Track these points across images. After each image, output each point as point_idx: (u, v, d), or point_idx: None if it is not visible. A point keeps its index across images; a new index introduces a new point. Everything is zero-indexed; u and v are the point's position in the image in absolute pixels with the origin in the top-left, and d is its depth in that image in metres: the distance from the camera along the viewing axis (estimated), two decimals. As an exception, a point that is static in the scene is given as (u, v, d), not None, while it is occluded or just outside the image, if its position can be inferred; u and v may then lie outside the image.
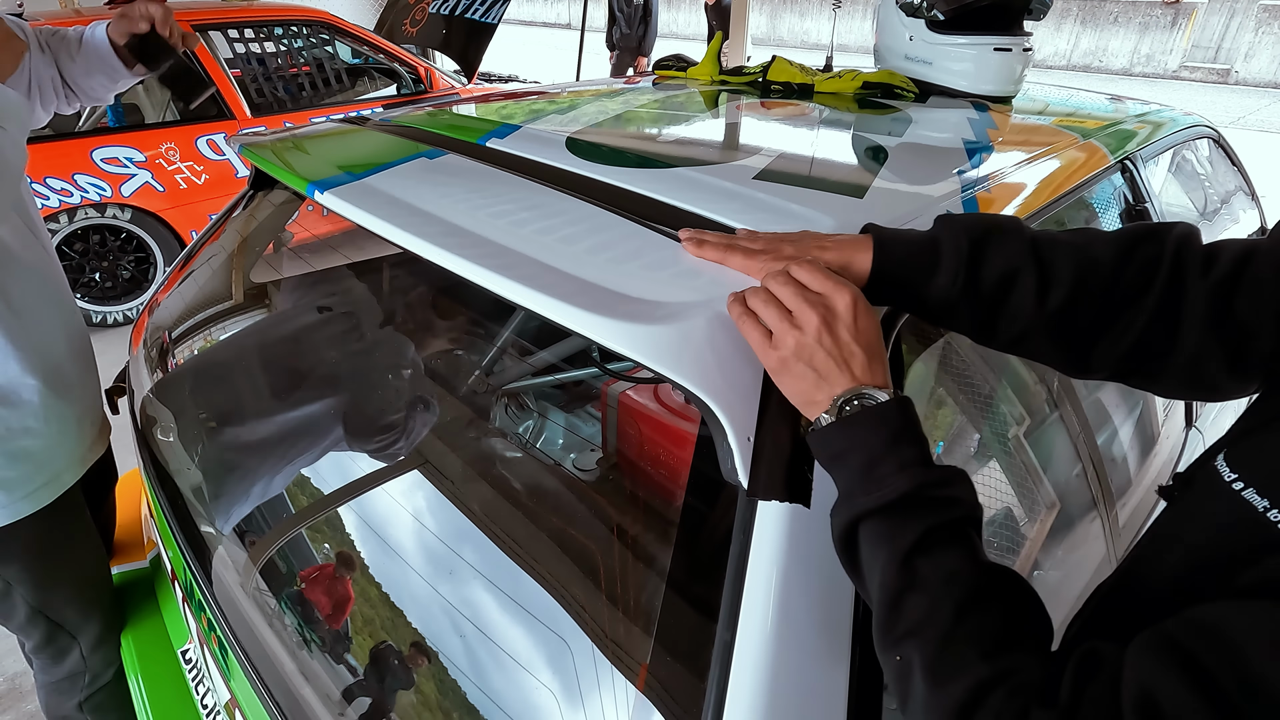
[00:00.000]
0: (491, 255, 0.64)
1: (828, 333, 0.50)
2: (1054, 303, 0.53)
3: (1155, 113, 1.41)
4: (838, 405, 0.49)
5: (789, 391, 0.52)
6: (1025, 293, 0.53)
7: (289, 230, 1.45)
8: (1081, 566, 0.92)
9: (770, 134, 1.09)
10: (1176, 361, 0.52)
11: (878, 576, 0.45)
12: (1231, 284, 0.50)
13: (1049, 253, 0.54)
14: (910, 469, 0.46)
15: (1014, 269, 0.54)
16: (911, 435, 0.48)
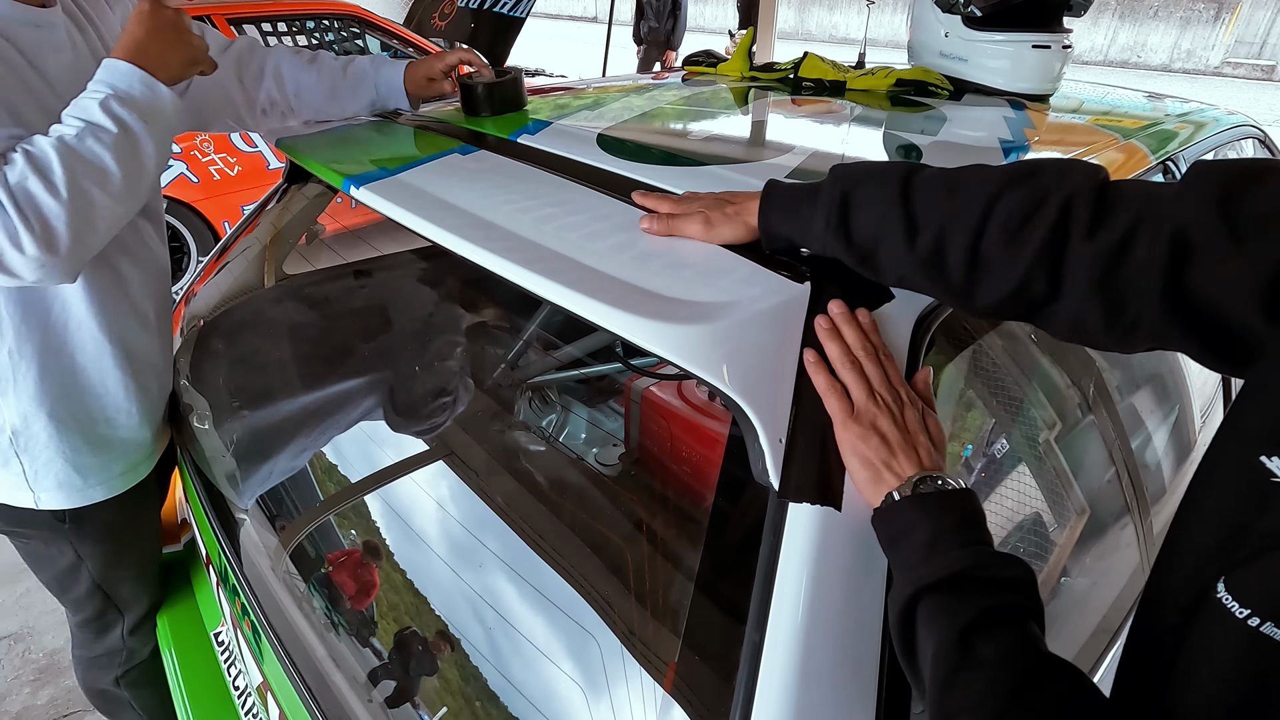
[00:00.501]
0: (526, 252, 0.65)
1: (904, 415, 0.53)
2: (923, 249, 0.53)
3: (1198, 112, 1.38)
4: (912, 483, 0.50)
5: (856, 464, 0.52)
6: (894, 238, 0.54)
7: (320, 222, 1.48)
8: (1113, 574, 0.91)
9: (802, 132, 1.08)
10: (1059, 314, 0.50)
11: (931, 651, 0.44)
12: (1117, 255, 0.46)
13: (919, 195, 0.54)
14: (973, 547, 0.47)
15: (881, 217, 0.55)
16: (977, 522, 0.49)
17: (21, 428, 0.91)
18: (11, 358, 0.87)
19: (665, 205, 0.68)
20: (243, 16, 3.33)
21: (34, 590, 1.87)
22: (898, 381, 0.56)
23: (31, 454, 0.92)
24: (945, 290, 0.54)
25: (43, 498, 0.95)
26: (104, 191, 0.73)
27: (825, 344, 0.56)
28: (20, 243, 0.69)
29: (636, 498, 1.09)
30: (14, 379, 0.88)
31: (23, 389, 0.89)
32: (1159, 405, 1.11)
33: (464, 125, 1.06)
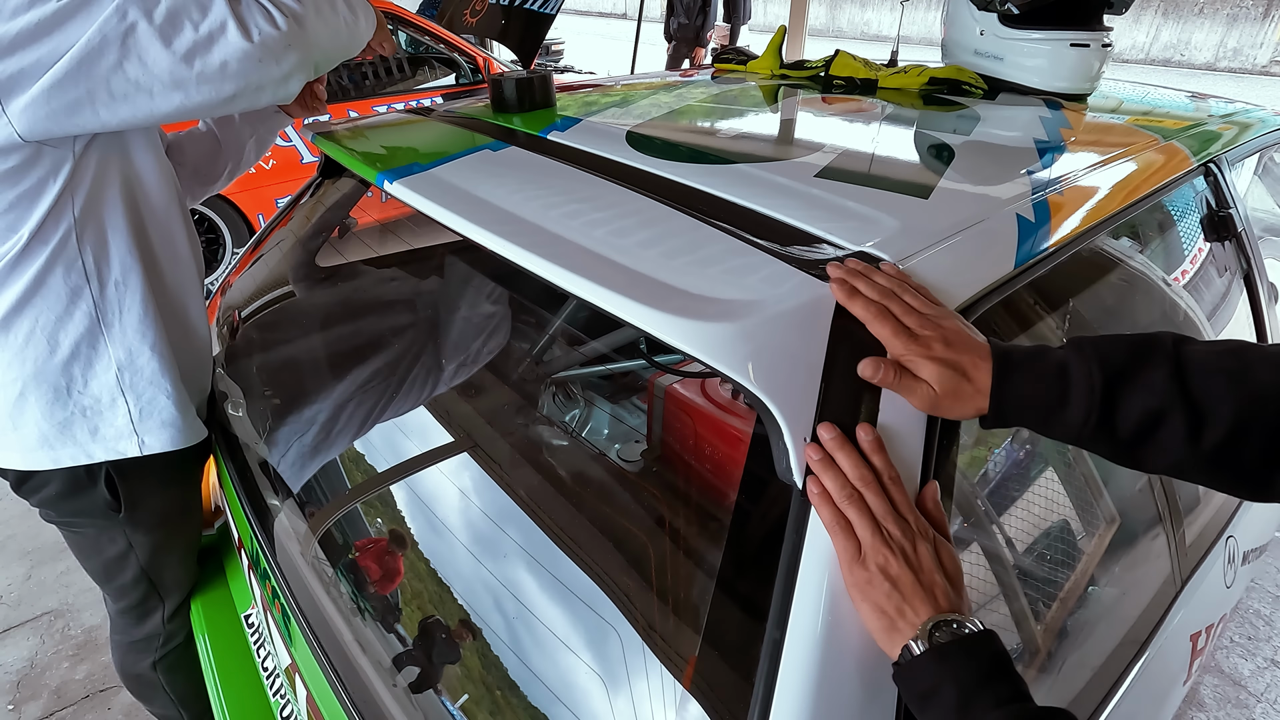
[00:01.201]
0: (556, 248, 0.66)
1: (916, 551, 0.49)
2: (1210, 442, 0.47)
3: (1242, 113, 1.34)
4: (928, 631, 0.46)
5: (868, 611, 0.49)
6: (1173, 434, 0.48)
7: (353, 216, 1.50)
8: (1143, 584, 0.89)
9: (832, 131, 1.07)
10: None
11: None
12: None
13: (1201, 387, 0.48)
14: (1007, 706, 0.44)
15: (1158, 410, 0.48)
16: (1005, 670, 0.46)
17: (127, 363, 0.93)
18: (117, 289, 0.90)
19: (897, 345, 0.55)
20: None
21: (74, 569, 1.94)
22: (906, 509, 0.51)
23: (137, 391, 0.94)
24: (1236, 484, 0.49)
25: (147, 440, 0.96)
26: None
27: (821, 476, 0.51)
28: None
29: (658, 494, 1.09)
30: (120, 311, 0.91)
31: (128, 322, 0.92)
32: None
33: (494, 122, 1.07)
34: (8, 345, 0.87)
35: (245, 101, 0.81)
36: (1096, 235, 0.81)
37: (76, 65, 0.72)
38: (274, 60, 0.80)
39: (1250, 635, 1.75)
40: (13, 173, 0.78)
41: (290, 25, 0.80)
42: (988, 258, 0.68)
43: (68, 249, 0.85)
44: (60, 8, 0.71)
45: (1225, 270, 1.15)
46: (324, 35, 0.86)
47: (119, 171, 0.89)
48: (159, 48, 0.74)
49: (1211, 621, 1.01)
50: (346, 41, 0.92)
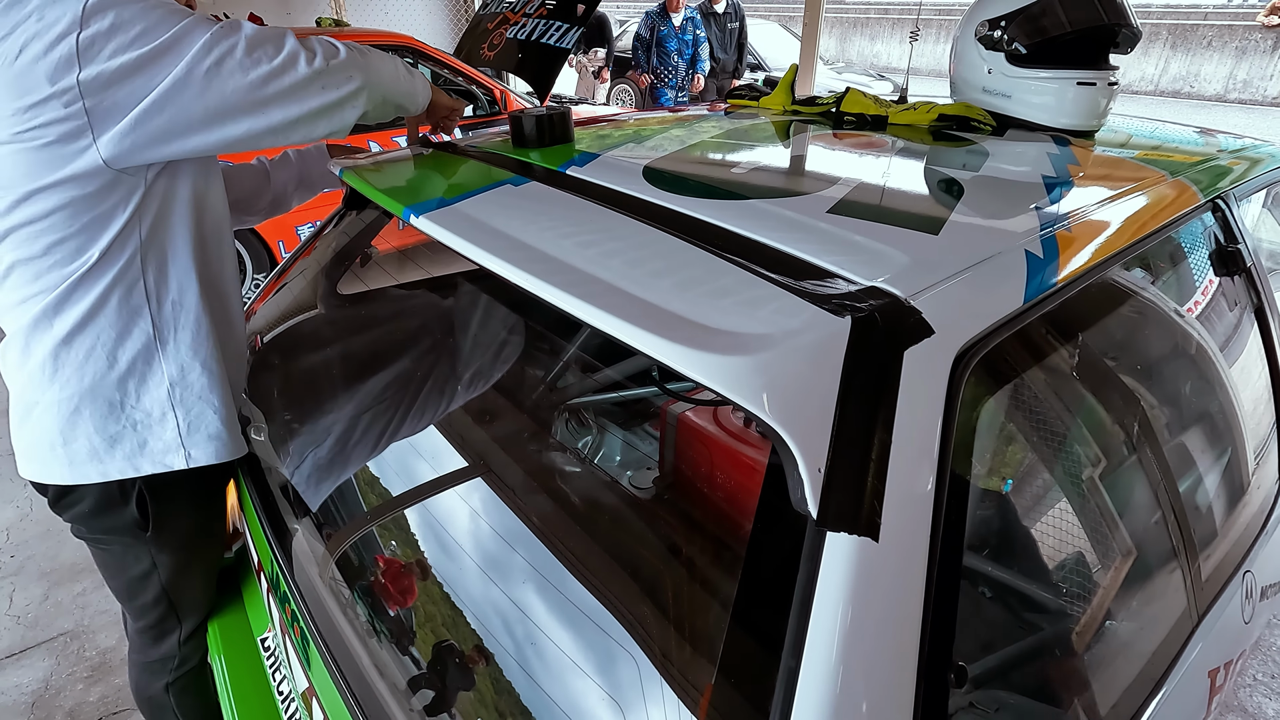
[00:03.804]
0: (575, 281, 0.68)
1: None
2: None
3: (1251, 148, 1.36)
4: None
5: None
6: None
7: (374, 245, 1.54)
8: (1160, 620, 0.89)
9: (844, 166, 1.10)
10: None
11: None
12: None
13: None
14: None
15: None
16: None
17: (179, 378, 0.97)
18: (174, 308, 0.96)
19: None
20: (305, 48, 3.51)
21: (90, 590, 1.95)
22: None
23: (186, 405, 0.98)
24: None
25: (194, 453, 1.00)
26: None
27: None
28: None
29: (670, 521, 1.10)
30: (175, 329, 0.96)
31: (182, 339, 0.97)
32: (1210, 445, 1.09)
33: (515, 157, 1.11)
34: (69, 361, 0.91)
35: (304, 129, 0.89)
36: (1105, 270, 0.83)
37: (164, 97, 0.79)
38: (336, 88, 0.89)
39: (1274, 674, 1.71)
40: (90, 198, 0.84)
41: (353, 58, 0.92)
42: (997, 293, 0.70)
43: (132, 270, 0.90)
44: (155, 47, 0.78)
45: (1236, 304, 1.15)
46: (383, 77, 0.98)
47: (184, 196, 0.95)
48: (238, 78, 0.82)
49: (1230, 658, 1.00)
50: (404, 89, 1.04)
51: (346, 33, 3.88)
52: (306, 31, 3.63)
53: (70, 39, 0.75)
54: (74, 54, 0.76)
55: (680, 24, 5.42)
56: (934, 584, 0.55)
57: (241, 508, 1.19)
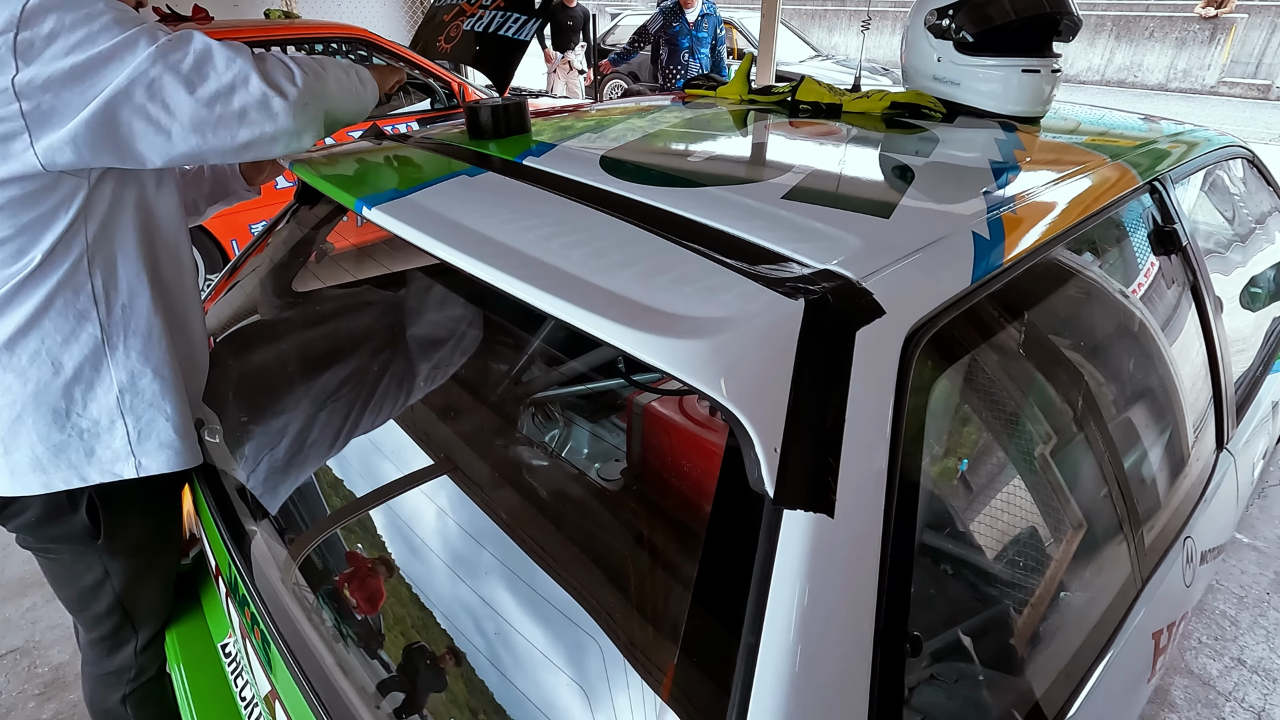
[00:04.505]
0: (532, 270, 0.68)
1: None
2: None
3: (1187, 133, 1.41)
4: None
5: None
6: None
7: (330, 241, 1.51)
8: (1107, 589, 0.92)
9: (798, 153, 1.11)
10: None
11: None
12: None
13: None
14: None
15: None
16: None
17: (129, 385, 0.94)
18: (124, 312, 0.92)
19: None
20: (254, 41, 3.41)
21: (40, 605, 1.88)
22: None
23: (136, 413, 0.95)
24: None
25: (145, 462, 0.97)
26: None
27: None
28: None
29: (638, 510, 1.10)
30: (125, 334, 0.93)
31: (133, 344, 0.93)
32: (1152, 419, 1.13)
33: (471, 148, 1.09)
34: (11, 367, 0.88)
35: (259, 150, 0.86)
36: (1049, 250, 0.85)
37: (104, 109, 0.76)
38: (290, 114, 0.85)
39: (1217, 636, 1.79)
40: (30, 198, 0.81)
41: (309, 83, 0.87)
42: (946, 274, 0.72)
43: (79, 273, 0.87)
44: (95, 55, 0.75)
45: (1173, 283, 1.20)
46: (338, 98, 0.94)
47: (134, 199, 0.92)
48: (183, 94, 0.79)
49: (1173, 620, 1.05)
50: (356, 108, 1.01)
51: (297, 25, 3.78)
52: (251, 29, 3.53)
53: (7, 38, 0.73)
54: (10, 55, 0.73)
55: (695, 21, 5.04)
56: (888, 558, 0.57)
57: (197, 512, 1.16)
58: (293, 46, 3.54)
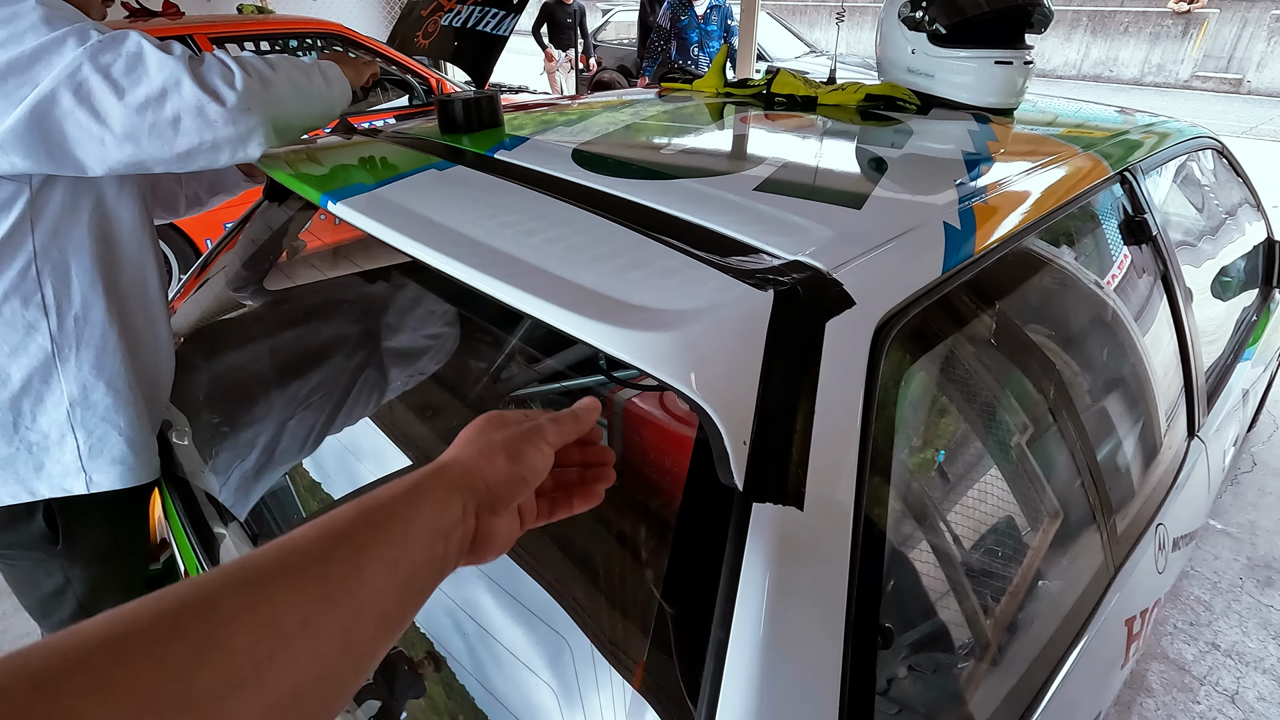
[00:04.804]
0: (498, 264, 0.66)
1: None
2: None
3: (1158, 124, 1.42)
4: None
5: None
6: None
7: (302, 239, 1.48)
8: (1080, 574, 0.93)
9: (772, 145, 1.11)
10: None
11: None
12: None
13: None
14: None
15: None
16: None
17: (80, 398, 0.91)
18: (77, 323, 0.89)
19: None
20: (225, 36, 3.35)
21: (10, 613, 1.84)
22: None
23: (88, 427, 0.92)
24: None
25: (95, 478, 0.94)
26: None
27: None
28: None
29: (618, 508, 1.10)
30: (77, 346, 0.89)
31: (85, 356, 0.90)
32: (1125, 407, 1.14)
33: (442, 142, 1.08)
34: None
35: (204, 159, 0.82)
36: (1020, 240, 0.86)
37: (32, 111, 0.72)
38: (229, 121, 0.80)
39: (1192, 621, 1.82)
40: None
41: (251, 87, 0.82)
42: (917, 264, 0.71)
43: (26, 282, 0.84)
44: (21, 55, 0.71)
45: (1144, 272, 1.21)
46: (291, 102, 0.88)
47: (90, 206, 0.88)
48: (113, 100, 0.75)
49: (1146, 606, 1.06)
50: (318, 110, 0.95)
51: (271, 20, 3.72)
52: (223, 24, 3.47)
53: None
54: None
55: (704, 13, 4.87)
56: (860, 551, 0.56)
57: (166, 516, 1.13)
58: (265, 42, 3.49)
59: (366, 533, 0.33)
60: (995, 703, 0.78)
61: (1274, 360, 1.99)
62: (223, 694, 0.25)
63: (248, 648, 0.27)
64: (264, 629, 0.28)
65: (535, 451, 0.45)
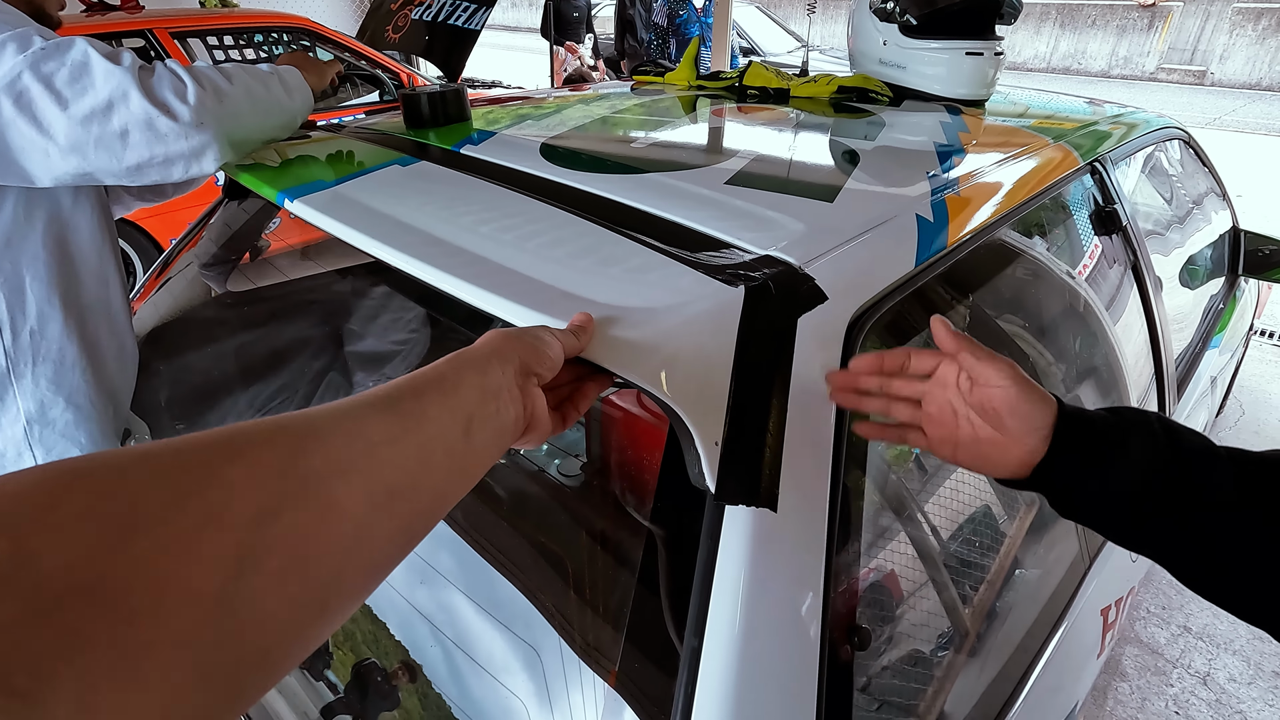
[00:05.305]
0: (462, 263, 0.64)
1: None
2: None
3: (1126, 115, 1.43)
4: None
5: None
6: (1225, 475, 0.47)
7: (266, 239, 1.44)
8: (1056, 565, 0.93)
9: (744, 138, 1.09)
10: None
11: None
12: None
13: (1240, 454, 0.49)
14: None
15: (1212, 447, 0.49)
16: None
17: (37, 415, 0.88)
18: (32, 338, 0.86)
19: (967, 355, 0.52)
20: (188, 31, 3.26)
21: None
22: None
23: (46, 445, 0.89)
24: None
25: None
26: None
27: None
28: None
29: (597, 508, 1.08)
30: (33, 361, 0.86)
31: (42, 372, 0.87)
32: (1097, 396, 1.15)
33: (407, 137, 1.05)
34: None
35: (156, 174, 0.78)
36: (992, 232, 0.85)
37: None
38: (181, 136, 0.77)
39: (1164, 605, 1.85)
40: None
41: (204, 100, 0.78)
42: (889, 257, 0.70)
43: None
44: None
45: (1115, 262, 1.22)
46: (248, 115, 0.84)
47: (44, 218, 0.85)
48: (55, 110, 0.71)
49: (1120, 595, 1.07)
50: (277, 121, 0.92)
51: (235, 14, 3.63)
52: (186, 18, 3.37)
53: None
54: None
55: (703, 6, 4.70)
56: (835, 551, 0.55)
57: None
58: (229, 37, 3.40)
59: (421, 386, 0.39)
60: (974, 698, 0.78)
61: (1240, 346, 2.02)
62: (328, 474, 0.30)
63: (342, 445, 0.32)
64: (352, 435, 0.33)
65: (551, 337, 0.48)
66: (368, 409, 0.35)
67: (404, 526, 0.34)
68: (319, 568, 0.28)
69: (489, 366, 0.43)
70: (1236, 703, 1.60)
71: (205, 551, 0.24)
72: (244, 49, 3.47)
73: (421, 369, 0.41)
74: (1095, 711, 1.58)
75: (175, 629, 0.23)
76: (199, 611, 0.24)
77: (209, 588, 0.24)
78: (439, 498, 0.37)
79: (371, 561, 0.32)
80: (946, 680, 0.78)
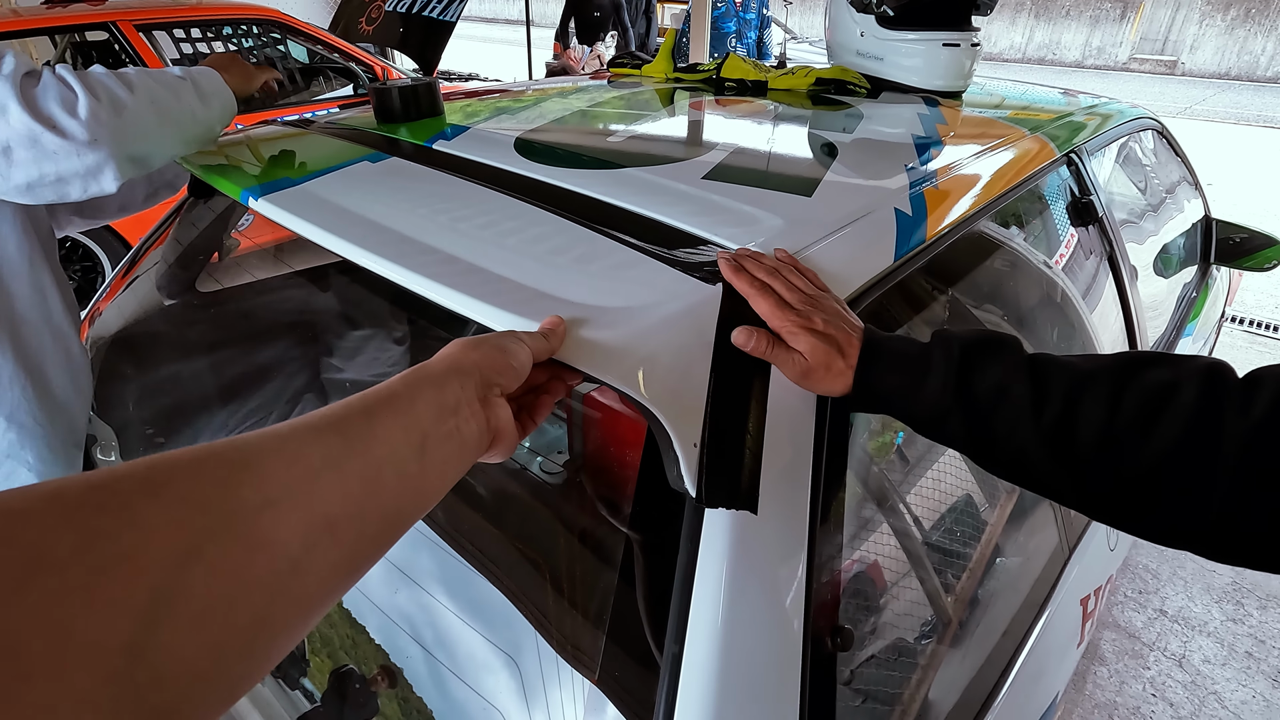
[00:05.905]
0: (431, 260, 0.63)
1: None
2: (1048, 420, 0.49)
3: (1101, 106, 1.44)
4: None
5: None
6: (1018, 406, 0.50)
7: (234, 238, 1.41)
8: (1036, 556, 0.94)
9: (722, 132, 1.08)
10: (1207, 515, 0.43)
11: None
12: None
13: (1044, 369, 0.51)
14: None
15: (1006, 381, 0.51)
16: None
17: None
18: None
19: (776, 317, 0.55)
20: (155, 23, 3.18)
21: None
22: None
23: None
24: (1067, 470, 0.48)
25: None
26: None
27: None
28: None
29: (579, 506, 1.07)
30: None
31: None
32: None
33: (378, 132, 1.02)
34: None
35: (51, 193, 0.73)
36: (971, 225, 0.85)
37: None
38: (72, 153, 0.71)
39: (1141, 589, 1.89)
40: None
41: (98, 114, 0.71)
42: (869, 252, 0.70)
43: None
44: None
45: (1092, 252, 1.23)
46: (152, 129, 0.78)
47: None
48: None
49: (1099, 584, 1.08)
50: (190, 133, 0.84)
51: (203, 6, 3.54)
52: (151, 9, 3.28)
53: None
54: None
55: (742, 1, 4.48)
56: (816, 552, 0.55)
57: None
58: (196, 29, 3.32)
59: (373, 404, 0.37)
60: (958, 688, 0.78)
61: (1213, 333, 2.06)
62: (260, 506, 0.28)
63: (278, 472, 0.30)
64: (291, 461, 0.31)
65: (517, 344, 0.47)
66: (310, 432, 0.33)
67: (348, 556, 0.32)
68: (244, 608, 0.27)
69: (447, 382, 0.41)
70: (1210, 684, 1.63)
71: (113, 597, 0.22)
72: (212, 42, 3.38)
73: (375, 386, 0.39)
74: (1075, 696, 1.60)
75: (77, 686, 0.21)
76: (105, 665, 0.22)
77: (116, 638, 0.22)
78: (389, 523, 0.35)
79: (307, 595, 0.30)
80: (930, 669, 0.78)
